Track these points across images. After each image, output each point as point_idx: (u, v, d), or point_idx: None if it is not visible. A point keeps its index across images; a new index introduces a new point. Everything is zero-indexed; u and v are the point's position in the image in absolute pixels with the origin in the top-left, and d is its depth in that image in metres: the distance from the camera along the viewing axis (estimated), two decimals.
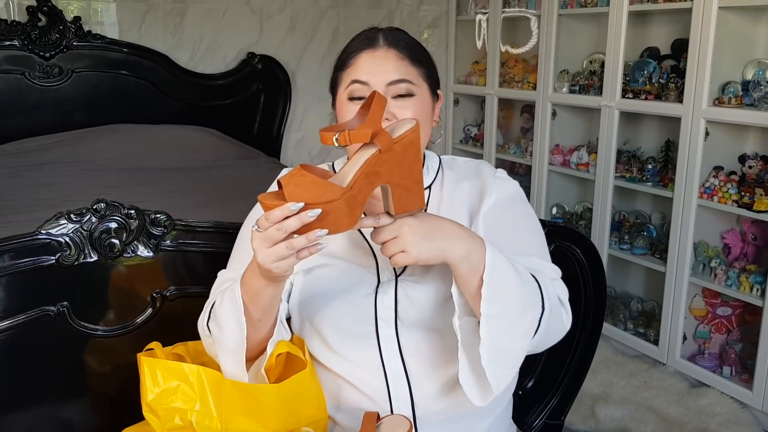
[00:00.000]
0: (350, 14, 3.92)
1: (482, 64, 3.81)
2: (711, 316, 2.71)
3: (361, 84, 1.12)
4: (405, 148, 0.95)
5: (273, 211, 0.89)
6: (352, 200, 0.91)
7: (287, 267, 0.93)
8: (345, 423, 1.14)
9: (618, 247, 3.04)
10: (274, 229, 0.89)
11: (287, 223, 0.88)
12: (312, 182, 0.90)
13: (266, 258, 0.91)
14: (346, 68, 1.15)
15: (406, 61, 1.13)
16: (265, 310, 1.04)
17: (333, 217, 0.90)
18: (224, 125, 3.59)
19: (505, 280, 0.99)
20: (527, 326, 1.02)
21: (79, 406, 1.36)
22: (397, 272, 1.13)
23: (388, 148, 0.94)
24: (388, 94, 1.11)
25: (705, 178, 2.61)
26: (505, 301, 0.99)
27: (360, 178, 0.92)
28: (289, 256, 0.91)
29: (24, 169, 2.90)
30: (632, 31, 2.91)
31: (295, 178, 0.90)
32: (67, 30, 3.28)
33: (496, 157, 3.71)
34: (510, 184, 1.20)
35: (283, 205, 0.88)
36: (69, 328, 1.29)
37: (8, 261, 1.24)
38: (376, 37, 1.15)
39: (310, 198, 0.89)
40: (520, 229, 1.17)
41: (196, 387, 1.04)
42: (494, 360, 0.99)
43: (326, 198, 0.89)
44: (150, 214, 1.32)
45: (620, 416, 2.44)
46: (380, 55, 1.13)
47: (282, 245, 0.90)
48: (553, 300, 1.06)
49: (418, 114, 1.12)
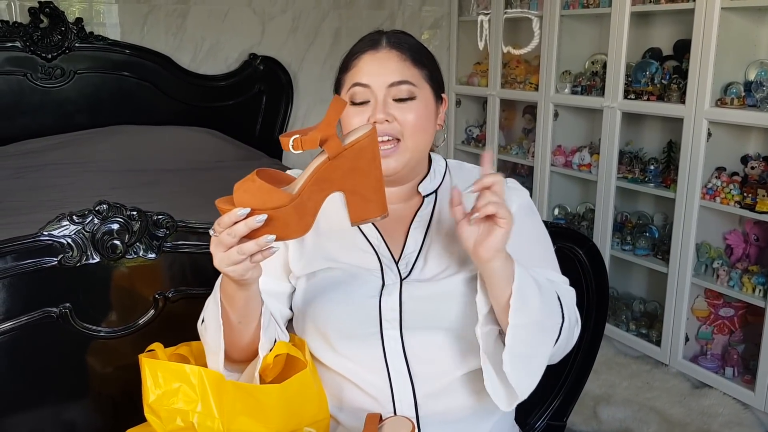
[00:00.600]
0: (352, 15, 3.92)
1: (484, 65, 3.81)
2: (713, 317, 2.71)
3: (363, 87, 1.12)
4: (357, 155, 0.93)
5: (223, 217, 0.90)
6: (300, 207, 0.91)
7: (242, 271, 0.94)
8: (348, 423, 1.14)
9: (620, 248, 3.03)
10: (225, 234, 0.90)
11: (236, 228, 0.89)
12: (259, 188, 0.90)
13: (221, 262, 0.93)
14: (348, 71, 1.15)
15: (408, 62, 1.13)
16: (242, 314, 1.04)
17: (281, 223, 0.90)
18: (226, 126, 3.59)
19: (530, 292, 1.01)
20: (549, 335, 1.05)
21: (81, 408, 1.36)
22: (401, 275, 1.13)
23: (335, 154, 0.92)
24: (389, 96, 1.11)
25: (707, 179, 2.61)
26: (530, 312, 1.01)
27: (309, 185, 0.92)
28: (242, 261, 0.92)
29: (26, 171, 2.90)
30: (634, 32, 2.91)
31: (245, 183, 0.91)
32: (69, 31, 3.28)
33: (498, 158, 3.71)
34: (524, 194, 1.21)
35: (231, 211, 0.89)
36: (71, 329, 1.29)
37: (10, 262, 1.24)
38: (379, 39, 1.15)
39: (257, 204, 0.89)
40: (535, 241, 1.19)
41: (197, 388, 1.04)
42: (517, 366, 1.02)
43: (273, 204, 0.90)
44: (152, 215, 1.32)
45: (622, 417, 2.44)
46: (382, 57, 1.13)
47: (234, 250, 0.91)
48: (572, 311, 1.10)
49: (420, 117, 1.12)
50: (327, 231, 1.17)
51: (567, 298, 1.11)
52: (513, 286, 0.99)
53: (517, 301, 0.99)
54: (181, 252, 1.36)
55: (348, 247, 1.15)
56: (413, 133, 1.11)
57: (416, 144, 1.13)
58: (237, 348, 1.09)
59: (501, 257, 0.99)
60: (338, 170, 0.93)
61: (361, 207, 0.95)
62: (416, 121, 1.11)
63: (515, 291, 0.99)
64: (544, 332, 1.05)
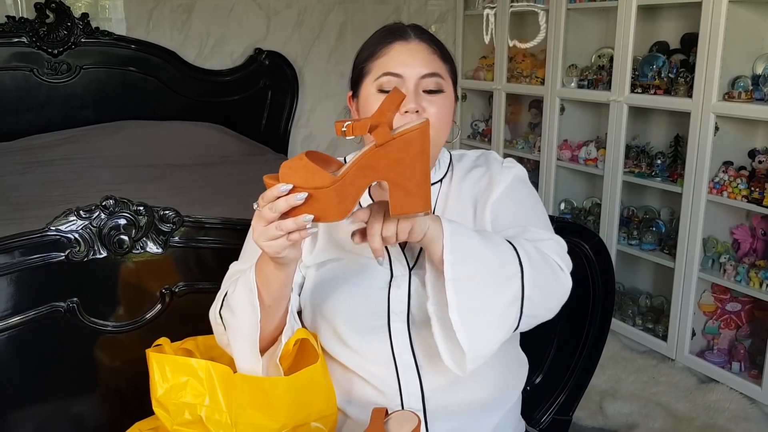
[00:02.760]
0: (357, 10, 3.92)
1: (490, 59, 3.80)
2: (720, 311, 2.70)
3: (394, 76, 1.10)
4: (404, 146, 0.92)
5: (267, 191, 0.91)
6: (342, 190, 0.91)
7: (279, 248, 0.94)
8: (356, 416, 1.15)
9: (627, 242, 3.03)
10: (267, 209, 0.91)
11: (277, 203, 0.90)
12: (304, 167, 0.91)
13: (260, 236, 0.94)
14: (376, 59, 1.13)
15: (437, 55, 1.14)
16: (275, 297, 1.05)
17: (321, 205, 0.91)
18: (231, 121, 3.60)
19: (467, 244, 0.98)
20: (503, 285, 1.00)
21: (89, 402, 1.36)
22: (410, 266, 1.13)
23: (383, 142, 0.92)
24: (419, 87, 1.11)
25: (714, 173, 2.60)
26: (470, 264, 0.98)
27: (353, 170, 0.92)
28: (279, 237, 0.92)
29: (33, 166, 2.91)
30: (641, 26, 2.89)
31: (293, 161, 0.91)
32: (74, 27, 3.29)
33: (504, 152, 3.70)
34: (517, 169, 1.20)
35: (274, 186, 0.90)
36: (79, 323, 1.30)
37: (18, 257, 1.24)
38: (405, 30, 1.15)
39: (300, 182, 0.90)
40: (521, 204, 1.17)
41: (205, 382, 1.05)
42: (467, 319, 0.98)
43: (315, 184, 0.90)
44: (159, 210, 1.32)
45: (628, 412, 2.43)
46: (413, 48, 1.12)
47: (272, 225, 0.92)
48: (533, 257, 1.03)
49: (444, 110, 1.12)
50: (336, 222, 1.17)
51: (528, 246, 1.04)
52: (444, 242, 0.97)
53: (451, 256, 0.96)
54: (188, 247, 1.36)
55: None
56: (438, 126, 1.11)
57: (439, 137, 1.12)
58: (264, 333, 1.08)
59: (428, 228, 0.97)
60: (384, 159, 0.92)
61: (404, 200, 0.93)
62: (441, 115, 1.11)
63: (446, 245, 0.96)
64: (496, 282, 0.99)
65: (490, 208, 1.15)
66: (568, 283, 1.08)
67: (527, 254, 1.02)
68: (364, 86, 1.14)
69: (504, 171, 1.19)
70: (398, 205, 0.93)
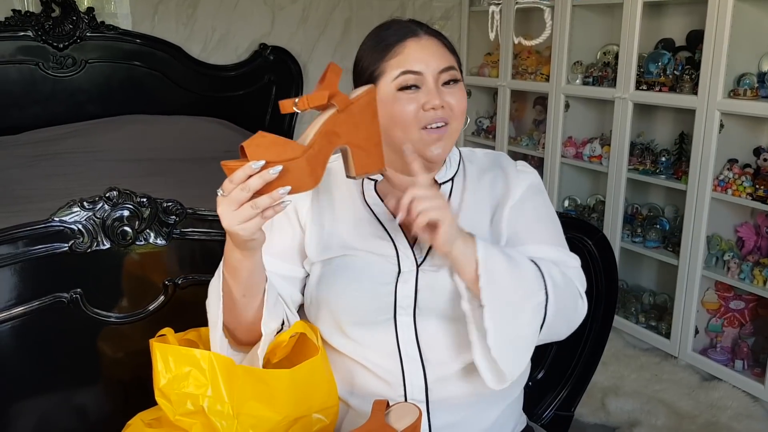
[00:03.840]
0: (362, 5, 3.91)
1: (495, 55, 3.80)
2: (723, 309, 2.70)
3: (413, 74, 1.11)
4: (362, 110, 0.99)
5: (236, 172, 0.90)
6: (312, 159, 0.94)
7: (254, 228, 0.94)
8: (359, 407, 1.15)
9: (630, 239, 3.02)
10: (239, 190, 0.90)
11: (250, 182, 0.90)
12: (273, 141, 0.92)
13: (232, 220, 0.93)
14: (389, 59, 1.12)
15: (447, 49, 1.15)
16: (246, 285, 1.05)
17: (295, 175, 0.92)
18: (236, 116, 3.60)
19: (500, 272, 1.03)
20: (532, 312, 1.05)
21: (92, 393, 1.37)
22: (418, 261, 1.13)
23: (344, 107, 0.97)
24: (438, 81, 1.12)
25: (719, 171, 2.59)
26: (503, 291, 1.02)
27: (319, 137, 0.95)
28: (254, 217, 0.92)
29: (38, 159, 2.92)
30: (647, 23, 2.88)
31: (256, 139, 0.92)
32: (80, 21, 3.29)
33: (509, 149, 3.69)
34: (533, 175, 1.22)
35: (245, 164, 0.90)
36: (82, 314, 1.30)
37: (22, 248, 1.24)
38: (412, 26, 1.15)
39: (271, 156, 0.91)
40: (540, 219, 1.19)
41: (207, 372, 1.05)
42: (504, 349, 1.03)
43: (287, 156, 0.91)
44: (162, 202, 1.32)
45: (631, 409, 2.43)
46: (425, 44, 1.13)
47: (247, 206, 0.91)
48: (560, 286, 1.08)
49: (463, 100, 1.14)
50: (343, 219, 1.17)
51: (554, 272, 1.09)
52: (479, 270, 1.01)
53: (486, 284, 1.01)
54: (191, 239, 1.36)
55: (364, 234, 1.15)
56: (459, 116, 1.14)
57: (458, 127, 1.15)
58: (242, 325, 1.09)
59: (458, 244, 1.02)
60: (345, 124, 0.98)
61: (365, 160, 1.01)
62: (460, 105, 1.14)
63: (482, 274, 1.01)
64: (526, 309, 1.05)
65: (507, 212, 1.17)
66: (584, 311, 1.15)
67: (554, 283, 1.07)
68: (380, 88, 1.12)
69: (520, 175, 1.21)
70: (361, 165, 1.01)
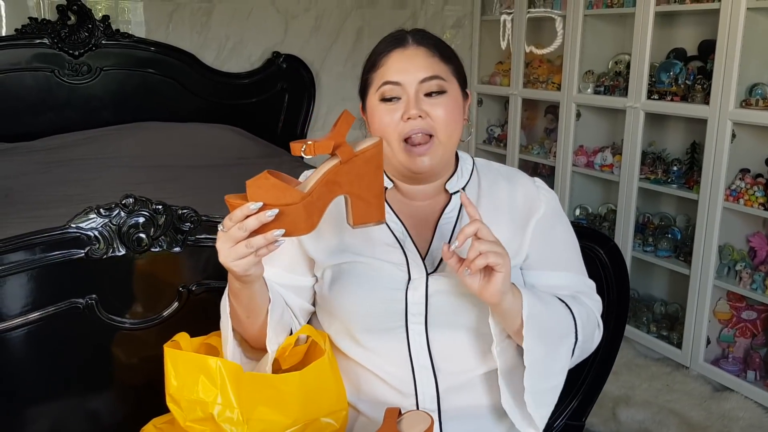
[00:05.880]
0: (375, 14, 3.94)
1: (506, 64, 3.81)
2: (735, 319, 2.68)
3: (394, 84, 1.12)
4: (365, 162, 1.00)
5: (235, 211, 0.94)
6: (310, 206, 0.96)
7: (247, 266, 0.97)
8: (369, 413, 1.16)
9: (642, 249, 3.01)
10: (236, 228, 0.94)
11: (247, 222, 0.93)
12: (273, 185, 0.94)
13: (227, 256, 0.96)
14: (376, 69, 1.15)
15: (437, 58, 1.14)
16: (248, 309, 1.08)
17: (291, 219, 0.95)
18: (249, 123, 3.62)
19: (542, 327, 1.06)
20: (564, 359, 1.10)
21: (105, 398, 1.38)
22: (428, 270, 1.14)
23: (347, 159, 0.99)
24: (420, 92, 1.12)
25: (731, 181, 2.59)
26: (543, 347, 1.06)
27: (319, 186, 0.97)
28: (248, 255, 0.95)
29: (53, 165, 2.94)
30: (658, 32, 2.88)
31: (259, 180, 0.95)
32: (95, 29, 3.32)
33: (519, 157, 3.70)
34: (552, 197, 1.23)
35: (244, 205, 0.93)
36: (97, 320, 1.32)
37: (39, 254, 1.26)
38: (404, 37, 1.16)
39: (270, 199, 0.94)
40: (567, 246, 1.22)
41: (216, 379, 1.06)
42: (539, 402, 1.08)
43: (285, 201, 0.94)
44: (177, 209, 1.34)
45: (642, 419, 2.42)
46: (410, 54, 1.14)
47: (242, 244, 0.94)
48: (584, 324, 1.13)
49: (450, 110, 1.13)
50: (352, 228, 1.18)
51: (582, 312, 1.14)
52: (523, 331, 1.04)
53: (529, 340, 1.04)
54: (205, 246, 1.38)
55: (373, 242, 1.16)
56: (445, 127, 1.13)
57: (448, 138, 1.14)
58: (251, 339, 1.13)
59: (508, 296, 1.03)
60: (348, 174, 0.99)
61: (363, 211, 1.02)
62: (447, 115, 1.13)
63: (525, 334, 1.04)
64: (559, 358, 1.09)
65: (533, 227, 1.18)
66: (599, 338, 1.21)
67: (582, 323, 1.12)
68: (368, 98, 1.17)
69: (541, 191, 1.22)
70: (360, 215, 1.02)
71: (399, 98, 1.12)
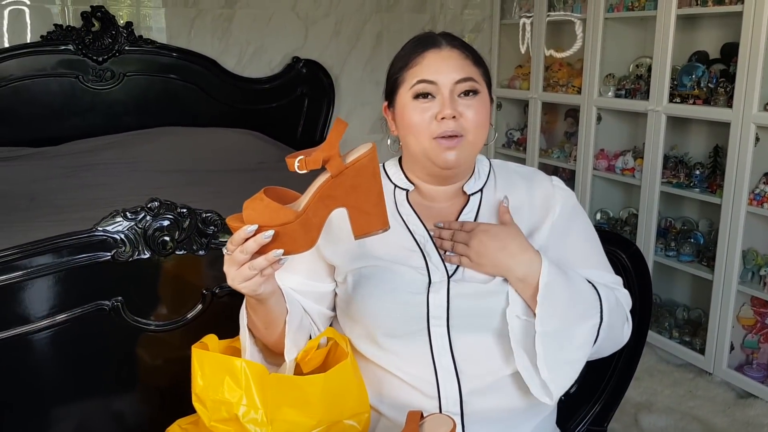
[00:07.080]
0: (394, 19, 3.94)
1: (526, 68, 3.80)
2: (760, 325, 2.65)
3: (428, 83, 1.13)
4: (358, 173, 0.99)
5: (234, 235, 0.95)
6: (306, 223, 0.96)
7: (254, 286, 0.99)
8: (392, 416, 1.16)
9: (664, 253, 2.99)
10: (238, 251, 0.95)
11: (247, 245, 0.94)
12: (266, 206, 0.95)
13: (234, 279, 0.98)
14: (409, 68, 1.16)
15: (470, 60, 1.16)
16: (266, 322, 1.11)
17: (289, 238, 0.95)
18: (269, 128, 3.64)
19: (559, 297, 1.06)
20: (584, 337, 1.09)
21: (130, 399, 1.39)
22: (449, 273, 1.14)
23: (337, 173, 0.97)
24: (454, 92, 1.13)
25: (755, 185, 2.56)
26: (559, 318, 1.06)
27: (313, 202, 0.97)
28: (253, 277, 0.97)
29: (77, 170, 2.98)
30: (680, 35, 2.87)
31: (253, 202, 0.96)
32: (119, 35, 3.36)
33: (539, 161, 3.68)
34: (568, 195, 1.23)
35: (240, 229, 0.94)
36: (122, 322, 1.33)
37: (66, 256, 1.28)
38: (436, 38, 1.18)
39: (264, 221, 0.94)
40: (585, 241, 1.22)
41: (241, 380, 1.07)
42: (553, 371, 1.07)
43: (279, 221, 0.94)
44: (201, 213, 1.35)
45: (664, 425, 2.40)
46: (446, 55, 1.15)
47: (246, 266, 0.96)
48: (613, 308, 1.13)
49: (481, 112, 1.15)
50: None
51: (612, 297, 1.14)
52: (538, 297, 1.05)
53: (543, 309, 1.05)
54: None
55: (393, 246, 1.17)
56: (475, 128, 1.14)
57: (477, 139, 1.15)
58: (271, 346, 1.15)
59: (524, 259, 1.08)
60: (340, 187, 0.98)
61: (364, 221, 1.01)
62: (479, 117, 1.14)
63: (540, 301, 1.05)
64: (578, 335, 1.09)
65: (548, 227, 1.18)
66: (629, 332, 1.20)
67: (609, 307, 1.12)
68: (399, 95, 1.17)
69: (557, 191, 1.22)
70: (359, 227, 1.00)
71: (434, 97, 1.14)
